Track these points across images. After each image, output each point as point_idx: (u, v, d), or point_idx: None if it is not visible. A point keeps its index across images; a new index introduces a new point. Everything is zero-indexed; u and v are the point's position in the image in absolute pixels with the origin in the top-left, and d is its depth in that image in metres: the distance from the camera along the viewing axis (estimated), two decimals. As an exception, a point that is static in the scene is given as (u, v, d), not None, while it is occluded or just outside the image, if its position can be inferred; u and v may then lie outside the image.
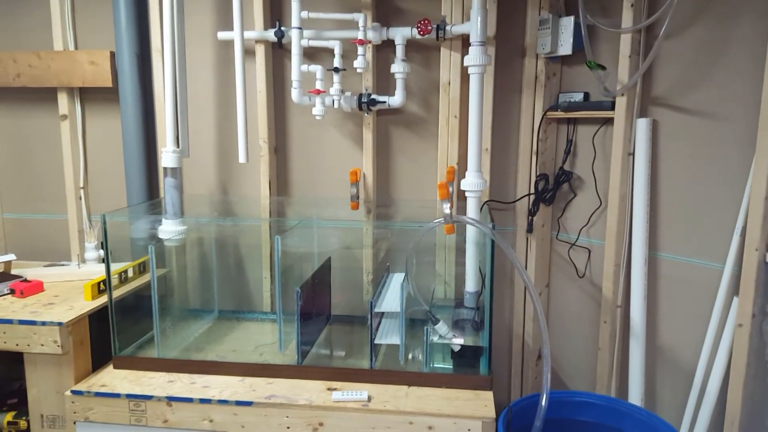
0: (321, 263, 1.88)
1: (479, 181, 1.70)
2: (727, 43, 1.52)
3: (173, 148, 1.86)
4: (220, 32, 1.98)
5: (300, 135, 2.08)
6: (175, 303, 1.97)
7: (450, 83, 1.92)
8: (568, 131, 1.91)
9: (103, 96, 2.14)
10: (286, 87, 2.03)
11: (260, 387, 1.59)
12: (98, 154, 2.20)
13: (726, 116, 1.54)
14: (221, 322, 2.03)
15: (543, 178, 1.92)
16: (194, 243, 2.03)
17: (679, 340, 1.69)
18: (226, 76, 2.07)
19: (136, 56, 2.02)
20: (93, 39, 2.11)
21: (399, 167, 2.06)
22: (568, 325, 1.99)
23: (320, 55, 2.00)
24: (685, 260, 1.66)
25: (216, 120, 2.11)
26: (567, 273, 1.97)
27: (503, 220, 2.03)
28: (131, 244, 1.96)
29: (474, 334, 1.70)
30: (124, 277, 1.83)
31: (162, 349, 1.73)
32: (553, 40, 1.77)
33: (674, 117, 1.64)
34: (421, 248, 1.98)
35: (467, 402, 1.52)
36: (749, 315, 1.47)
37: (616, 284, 1.76)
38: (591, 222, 1.87)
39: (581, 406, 1.59)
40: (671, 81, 1.64)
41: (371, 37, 1.87)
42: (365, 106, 1.92)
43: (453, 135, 1.95)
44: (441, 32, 1.83)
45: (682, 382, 1.68)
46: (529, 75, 1.90)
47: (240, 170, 2.11)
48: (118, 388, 1.58)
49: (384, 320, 1.78)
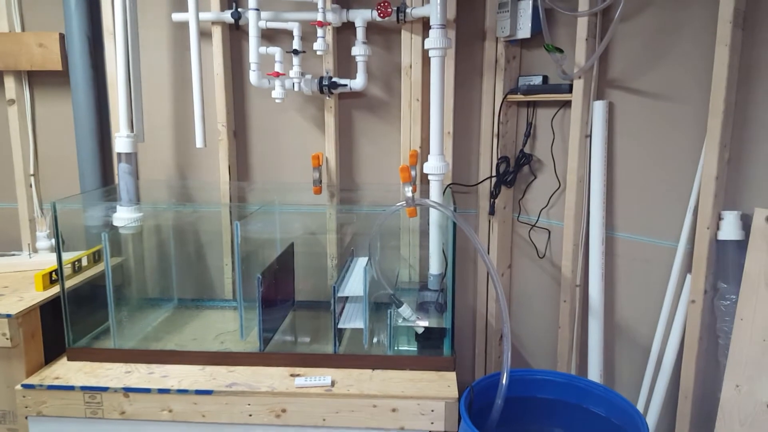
0: (284, 249, 1.85)
1: (441, 164, 1.70)
2: (679, 26, 1.55)
3: (127, 132, 1.80)
4: (175, 13, 1.92)
5: (260, 118, 2.04)
6: (132, 292, 1.92)
7: (411, 66, 1.92)
8: (528, 114, 1.93)
9: (53, 79, 2.05)
10: (245, 69, 1.99)
11: (221, 375, 1.56)
12: (49, 139, 2.11)
13: (679, 98, 1.57)
14: (181, 310, 1.99)
15: (504, 160, 1.93)
16: (151, 230, 1.98)
17: (636, 317, 1.73)
18: (182, 59, 2.01)
19: (87, 38, 1.94)
20: (41, 21, 2.02)
21: (362, 151, 2.05)
22: (530, 304, 2.02)
23: (279, 37, 1.96)
24: (641, 239, 1.70)
25: (172, 104, 2.05)
26: (528, 254, 2.00)
27: (466, 202, 2.05)
28: (85, 233, 1.90)
29: (438, 316, 1.71)
30: (78, 266, 1.77)
31: (118, 340, 1.69)
32: (512, 23, 1.78)
33: (629, 99, 1.67)
34: (385, 232, 1.98)
35: (431, 383, 1.53)
36: (701, 291, 1.51)
37: (575, 264, 1.79)
38: (550, 203, 1.90)
39: (542, 383, 1.62)
40: (626, 64, 1.67)
41: (331, 19, 1.84)
42: (326, 89, 1.90)
43: (415, 118, 1.95)
44: (401, 15, 1.82)
45: (639, 358, 1.73)
46: (489, 58, 1.91)
47: (198, 155, 2.06)
48: (72, 381, 1.54)
49: (348, 305, 1.77)
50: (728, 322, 1.48)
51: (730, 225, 1.47)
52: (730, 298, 1.49)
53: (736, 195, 1.49)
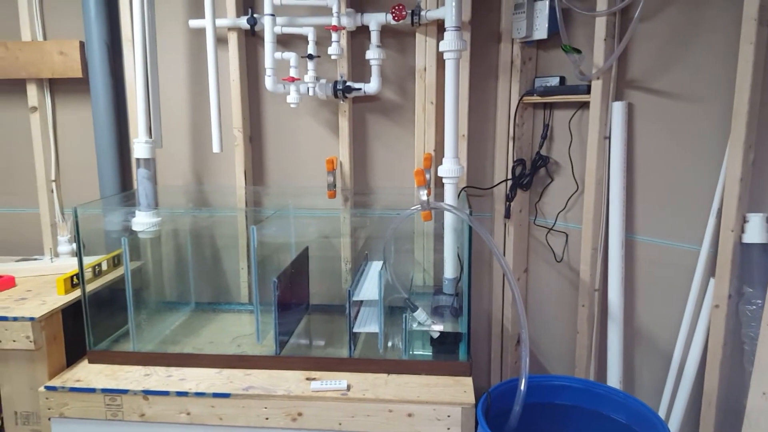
0: (298, 253, 1.86)
1: (456, 168, 1.69)
2: (701, 25, 1.52)
3: (146, 138, 1.83)
4: (192, 20, 1.94)
5: (275, 123, 2.05)
6: (150, 296, 1.95)
7: (426, 69, 1.91)
8: (544, 116, 1.90)
9: (74, 87, 2.09)
10: (260, 75, 2.00)
11: (238, 378, 1.57)
12: (70, 146, 2.15)
13: (700, 98, 1.54)
14: (198, 314, 2.01)
15: (520, 163, 1.91)
16: (169, 234, 2.00)
17: (657, 322, 1.69)
18: (198, 65, 2.03)
19: (106, 46, 1.97)
20: (62, 28, 2.06)
21: (376, 154, 2.04)
22: (547, 309, 2.00)
23: (294, 42, 1.97)
24: (662, 242, 1.66)
25: (189, 109, 2.07)
26: (545, 258, 1.97)
27: (481, 206, 2.03)
28: (105, 237, 1.93)
29: (453, 321, 1.70)
30: (98, 270, 1.80)
31: (138, 343, 1.71)
32: (528, 24, 1.76)
33: (649, 100, 1.64)
34: (399, 236, 1.97)
35: (446, 388, 1.52)
36: (725, 296, 1.47)
37: (594, 268, 1.76)
38: (568, 206, 1.87)
39: (560, 389, 1.60)
40: (646, 64, 1.63)
41: (345, 23, 1.85)
42: (341, 94, 1.90)
43: (430, 121, 1.94)
44: (416, 17, 1.81)
45: (660, 364, 1.69)
46: (504, 60, 1.89)
47: (215, 160, 2.08)
48: (94, 383, 1.56)
49: (363, 308, 1.77)
50: (754, 328, 1.44)
51: (756, 228, 1.43)
52: (756, 303, 1.44)
53: (761, 197, 1.45)
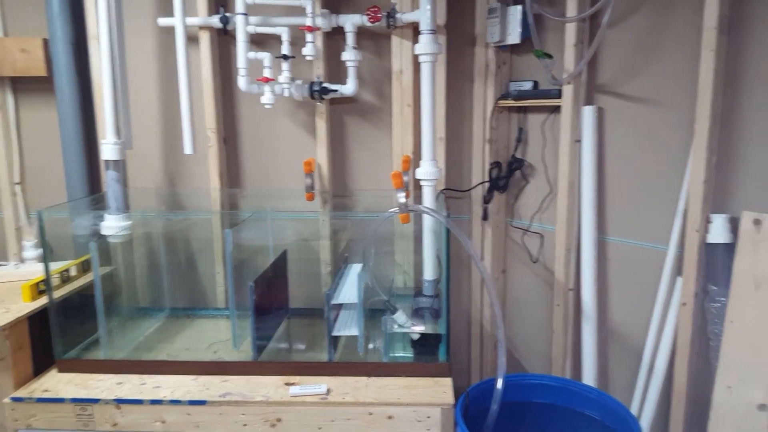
0: (277, 256, 1.84)
1: (434, 170, 1.70)
2: (667, 32, 1.57)
3: (114, 139, 1.78)
4: (161, 18, 1.89)
5: (251, 124, 2.02)
6: (122, 302, 1.89)
7: (402, 72, 1.91)
8: (519, 119, 1.93)
9: (38, 86, 2.01)
10: (234, 75, 1.97)
11: (214, 385, 1.54)
12: (35, 147, 2.07)
13: (666, 102, 1.59)
14: (173, 320, 1.96)
15: (496, 165, 1.94)
16: (141, 238, 1.95)
17: (629, 321, 1.75)
18: (169, 64, 1.98)
19: (72, 44, 1.90)
20: (24, 26, 1.98)
21: (354, 157, 2.04)
22: (524, 309, 2.03)
23: (268, 42, 1.94)
24: (632, 243, 1.71)
25: (161, 110, 2.02)
26: (521, 258, 2.01)
27: (459, 208, 2.05)
28: (74, 241, 1.87)
29: (433, 322, 1.71)
30: (66, 276, 1.74)
31: (109, 350, 1.66)
32: (501, 29, 1.78)
33: (619, 104, 1.69)
34: (379, 238, 1.96)
35: (426, 389, 1.53)
36: (692, 294, 1.53)
37: (568, 268, 1.80)
38: (542, 208, 1.91)
39: (536, 388, 1.63)
40: (615, 69, 1.68)
41: (320, 24, 1.83)
42: (317, 95, 1.88)
43: (407, 124, 1.94)
44: (391, 20, 1.81)
45: (632, 361, 1.74)
46: (479, 64, 1.91)
47: (188, 162, 2.03)
48: (63, 393, 1.51)
49: (343, 312, 1.76)
50: (719, 325, 1.50)
51: (719, 228, 1.49)
52: (720, 301, 1.50)
53: (724, 198, 1.51)
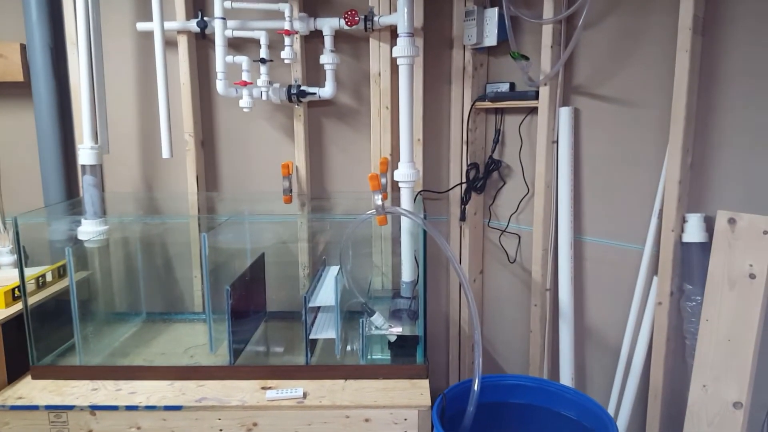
0: (254, 259, 1.83)
1: (412, 172, 1.71)
2: (641, 33, 1.58)
3: (91, 144, 1.77)
4: (139, 23, 1.89)
5: (228, 128, 2.02)
6: (99, 307, 1.88)
7: (380, 74, 1.92)
8: (496, 121, 1.94)
9: (15, 90, 2.00)
10: (212, 78, 1.97)
11: (190, 390, 1.54)
12: (11, 152, 2.06)
13: (642, 103, 1.60)
14: (149, 324, 1.95)
15: (474, 167, 1.94)
16: (118, 243, 1.94)
17: (606, 320, 1.75)
18: (147, 68, 1.98)
19: (50, 49, 1.90)
20: (1, 30, 1.97)
21: (333, 159, 2.04)
22: (502, 309, 2.03)
23: (246, 46, 1.94)
24: (608, 243, 1.72)
25: (138, 114, 2.01)
26: (499, 259, 2.01)
27: (437, 209, 2.05)
28: (50, 247, 1.86)
29: (410, 324, 1.71)
30: (42, 281, 1.73)
31: (85, 356, 1.65)
32: (478, 31, 1.79)
33: (594, 105, 1.70)
34: (357, 239, 1.97)
35: (403, 392, 1.53)
36: (668, 293, 1.54)
37: (545, 268, 1.80)
38: (520, 209, 1.91)
39: (514, 388, 1.63)
40: (591, 70, 1.69)
41: (298, 28, 1.84)
42: (295, 98, 1.88)
43: (385, 126, 1.95)
44: (369, 23, 1.82)
45: (609, 360, 1.74)
46: (457, 66, 1.92)
47: (166, 166, 2.03)
48: (37, 400, 1.50)
49: (320, 314, 1.76)
50: (694, 323, 1.51)
51: (694, 227, 1.50)
52: (696, 300, 1.51)
53: (699, 198, 1.52)
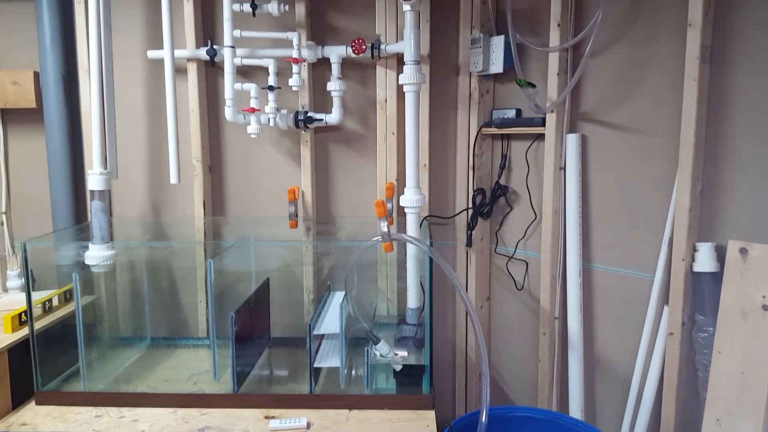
0: (259, 284, 1.83)
1: (418, 197, 1.70)
2: (649, 61, 1.58)
3: (100, 170, 1.78)
4: (150, 51, 1.93)
5: (236, 153, 2.04)
6: (104, 332, 1.88)
7: (387, 100, 1.93)
8: (502, 146, 1.93)
9: (27, 117, 2.04)
10: (220, 105, 1.99)
11: (193, 418, 1.52)
12: (22, 176, 2.09)
13: (650, 131, 1.59)
14: (153, 350, 1.94)
15: (480, 192, 1.94)
16: (124, 267, 1.95)
17: (616, 350, 1.71)
18: (157, 95, 2.01)
19: (62, 76, 1.93)
20: (16, 58, 2.02)
21: (338, 184, 2.04)
22: (510, 337, 2.00)
23: (255, 73, 1.96)
24: (618, 271, 1.69)
25: (147, 139, 2.04)
26: (506, 286, 1.99)
27: (443, 234, 2.04)
28: (57, 271, 1.86)
29: (416, 352, 1.69)
30: (49, 306, 1.73)
31: (89, 382, 1.64)
32: (484, 58, 1.80)
33: (602, 132, 1.69)
34: (362, 264, 1.95)
35: (409, 423, 1.49)
36: (679, 324, 1.50)
37: (553, 296, 1.78)
38: (527, 235, 1.90)
39: (522, 421, 1.59)
40: (598, 97, 1.69)
41: (306, 56, 1.86)
42: (302, 124, 1.90)
43: (391, 151, 1.95)
44: (376, 51, 1.84)
45: (619, 391, 1.70)
46: (463, 92, 1.92)
47: (173, 190, 2.04)
48: (40, 426, 1.49)
49: (325, 341, 1.74)
50: (707, 355, 1.47)
51: (705, 257, 1.48)
52: (708, 331, 1.48)
53: (710, 227, 1.50)
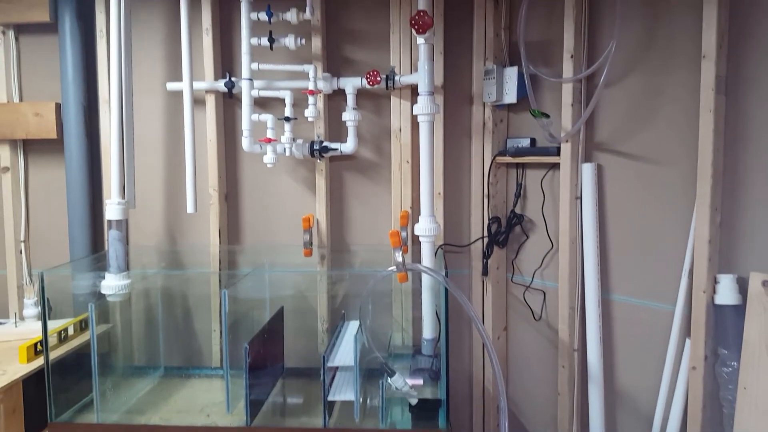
0: (273, 312, 1.82)
1: (432, 226, 1.70)
2: (663, 91, 1.57)
3: (118, 200, 1.81)
4: (169, 83, 1.97)
5: (252, 182, 2.06)
6: (118, 360, 1.88)
7: (401, 130, 1.94)
8: (517, 175, 1.93)
9: (48, 147, 2.08)
10: (237, 134, 2.02)
11: (206, 451, 1.50)
12: (41, 205, 2.12)
13: (667, 160, 1.58)
14: (167, 380, 1.93)
15: (495, 221, 1.93)
16: (140, 296, 1.95)
17: (637, 383, 1.67)
18: (175, 125, 2.04)
19: (83, 107, 1.98)
20: (39, 89, 2.07)
21: (353, 212, 2.04)
22: (528, 368, 1.96)
23: (271, 104, 1.99)
24: (637, 302, 1.66)
25: (165, 168, 2.07)
26: (524, 316, 1.96)
27: (458, 262, 2.02)
28: (73, 300, 1.88)
29: (432, 385, 1.66)
30: (64, 335, 1.74)
31: (102, 413, 1.63)
32: (498, 89, 1.81)
33: (618, 161, 1.68)
34: (377, 294, 1.94)
35: (425, 458, 1.47)
36: (702, 358, 1.47)
37: (572, 327, 1.75)
38: (544, 264, 1.87)
39: (541, 457, 1.55)
40: (613, 127, 1.68)
41: (322, 87, 1.88)
42: (317, 153, 1.91)
43: (406, 180, 1.95)
44: (390, 82, 1.86)
45: (641, 427, 1.65)
46: (477, 122, 1.93)
47: (189, 219, 2.05)
48: (53, 459, 1.48)
49: (339, 373, 1.72)
50: (731, 390, 1.43)
51: (727, 289, 1.44)
52: (732, 365, 1.44)
53: (731, 257, 1.47)
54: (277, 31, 1.83)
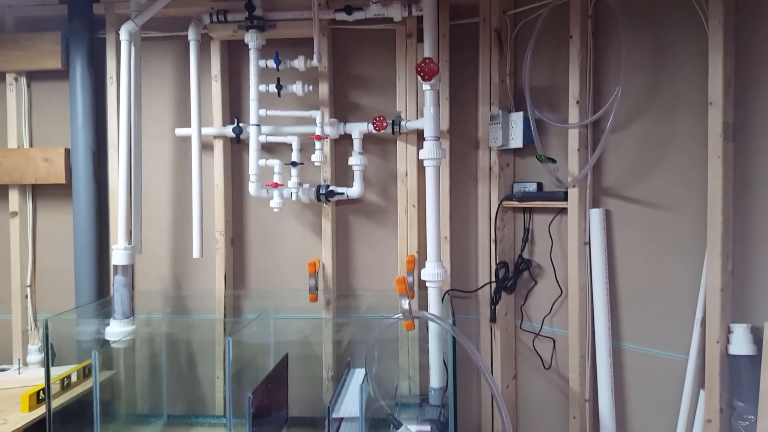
0: (278, 359, 1.79)
1: (439, 271, 1.68)
2: (671, 137, 1.57)
3: (125, 245, 1.81)
4: (178, 129, 1.99)
5: (258, 226, 2.05)
6: (121, 408, 1.85)
7: (407, 174, 1.94)
8: (524, 220, 1.92)
9: (56, 191, 2.09)
10: (245, 179, 2.02)
11: (208, 507, 1.46)
12: (48, 250, 2.12)
13: (676, 206, 1.56)
14: (170, 428, 1.90)
15: (503, 266, 1.91)
16: (144, 342, 1.93)
17: (651, 435, 1.62)
18: (183, 170, 2.05)
19: (92, 152, 2.00)
20: (49, 134, 2.10)
21: (359, 256, 2.03)
22: (538, 419, 1.91)
23: (279, 149, 2.01)
24: (649, 351, 1.63)
25: (172, 213, 2.07)
26: (533, 364, 1.92)
27: (466, 307, 1.99)
28: (77, 346, 1.86)
29: (440, 437, 1.62)
30: (67, 382, 1.72)
31: (103, 466, 1.60)
32: (504, 134, 1.82)
33: (627, 207, 1.67)
34: (383, 341, 1.91)
35: None
36: (717, 410, 1.42)
37: (583, 377, 1.71)
38: (553, 311, 1.84)
39: None
40: (621, 172, 1.68)
41: (329, 132, 1.90)
42: (324, 198, 1.91)
43: (412, 224, 1.95)
44: (396, 127, 1.87)
45: (657, 481, 1.60)
46: (483, 166, 1.93)
47: (195, 263, 2.05)
48: None
49: (344, 423, 1.68)
50: (750, 445, 1.38)
51: (741, 339, 1.41)
52: (749, 419, 1.39)
53: (743, 306, 1.44)
54: (285, 77, 1.86)
